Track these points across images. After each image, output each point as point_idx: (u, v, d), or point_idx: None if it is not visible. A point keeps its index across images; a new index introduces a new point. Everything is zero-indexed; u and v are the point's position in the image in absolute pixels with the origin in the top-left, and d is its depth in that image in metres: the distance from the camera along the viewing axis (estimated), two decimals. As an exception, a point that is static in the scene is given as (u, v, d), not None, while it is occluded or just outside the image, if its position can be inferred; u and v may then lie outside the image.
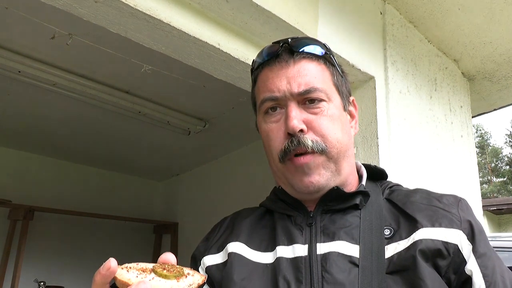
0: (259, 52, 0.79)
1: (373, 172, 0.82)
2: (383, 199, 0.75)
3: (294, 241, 0.70)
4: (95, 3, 1.02)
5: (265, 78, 0.76)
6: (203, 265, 0.77)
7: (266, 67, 0.76)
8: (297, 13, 1.30)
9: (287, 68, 0.73)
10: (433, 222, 0.66)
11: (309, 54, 0.74)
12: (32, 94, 2.48)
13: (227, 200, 3.39)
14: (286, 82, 0.72)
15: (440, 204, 0.69)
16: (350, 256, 0.66)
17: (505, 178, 28.58)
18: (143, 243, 4.26)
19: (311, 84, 0.72)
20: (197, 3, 1.17)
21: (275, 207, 0.78)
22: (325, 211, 0.72)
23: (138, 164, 3.94)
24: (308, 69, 0.73)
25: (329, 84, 0.75)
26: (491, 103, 2.51)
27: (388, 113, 1.57)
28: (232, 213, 0.87)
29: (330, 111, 0.73)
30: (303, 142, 0.69)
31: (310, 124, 0.71)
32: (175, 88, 2.44)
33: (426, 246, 0.63)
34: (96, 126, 3.00)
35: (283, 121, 0.72)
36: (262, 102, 0.75)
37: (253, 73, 0.82)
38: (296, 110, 0.71)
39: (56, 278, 3.54)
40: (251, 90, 0.82)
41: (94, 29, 1.75)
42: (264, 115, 0.75)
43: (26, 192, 3.52)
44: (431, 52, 1.92)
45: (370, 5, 1.65)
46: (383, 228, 0.68)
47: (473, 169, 2.03)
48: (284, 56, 0.74)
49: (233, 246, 0.74)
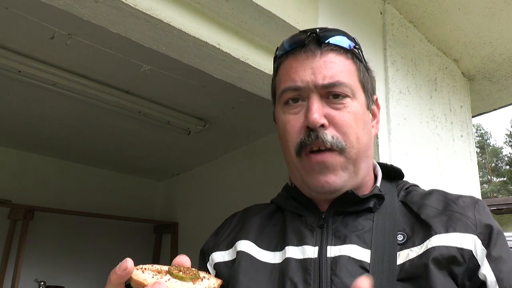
0: (284, 40, 0.75)
1: (389, 171, 0.79)
2: (398, 201, 0.72)
3: (304, 242, 0.68)
4: (95, 3, 1.02)
5: (288, 67, 0.72)
6: (212, 261, 0.76)
7: (291, 56, 0.72)
8: (297, 13, 1.30)
9: (313, 58, 0.69)
10: (447, 227, 0.63)
11: (337, 47, 0.70)
12: (32, 94, 2.48)
13: (227, 200, 3.39)
14: (311, 73, 0.68)
15: (456, 207, 0.67)
16: (360, 261, 0.64)
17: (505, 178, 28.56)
18: (143, 243, 4.26)
19: (336, 77, 0.68)
20: (197, 3, 1.17)
21: (286, 205, 0.76)
22: (337, 213, 0.70)
23: (138, 164, 3.94)
24: (335, 62, 0.69)
25: (355, 80, 0.71)
26: (491, 103, 2.51)
27: (388, 113, 1.57)
28: (242, 209, 0.85)
29: (354, 108, 0.69)
30: (322, 137, 0.66)
31: (332, 120, 0.67)
32: (175, 88, 2.44)
33: (440, 254, 0.61)
34: (96, 126, 3.00)
35: (303, 113, 0.68)
36: (283, 91, 0.71)
37: (275, 61, 0.77)
38: (318, 103, 0.67)
39: (56, 278, 3.54)
40: (272, 79, 0.79)
41: (94, 29, 1.76)
42: (283, 105, 0.72)
43: (26, 192, 3.52)
44: (431, 52, 1.92)
45: (370, 5, 1.65)
46: (396, 233, 0.66)
47: (473, 169, 2.02)
48: (311, 46, 0.70)
49: (242, 245, 0.73)
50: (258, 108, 2.59)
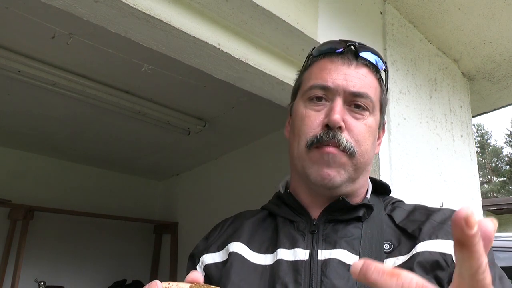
0: (324, 42, 0.80)
1: (378, 186, 0.83)
2: (385, 214, 0.76)
3: (295, 245, 0.70)
4: (95, 3, 1.02)
5: (323, 66, 0.76)
6: (202, 263, 0.77)
7: (327, 57, 0.76)
8: (297, 13, 1.30)
9: (348, 66, 0.74)
10: (430, 235, 0.67)
11: (371, 64, 0.76)
12: (32, 94, 2.48)
13: (227, 200, 3.39)
14: (343, 78, 0.72)
15: (437, 217, 0.71)
16: (349, 265, 0.66)
17: (505, 178, 28.57)
18: (143, 243, 4.26)
19: (365, 89, 0.73)
20: (197, 3, 1.17)
21: (278, 211, 0.78)
22: (328, 220, 0.73)
23: (138, 164, 3.94)
24: (366, 76, 0.74)
25: (377, 98, 0.76)
26: (491, 103, 2.51)
27: (388, 113, 1.57)
28: (233, 215, 0.87)
29: (370, 122, 0.74)
30: (339, 138, 0.69)
31: (349, 126, 0.71)
32: (175, 88, 2.44)
33: (424, 259, 0.64)
34: (96, 126, 3.00)
35: (325, 112, 0.72)
36: (311, 87, 0.74)
37: (309, 58, 0.81)
38: (341, 106, 0.71)
39: (56, 278, 3.54)
40: (299, 74, 0.82)
41: (94, 29, 1.76)
42: (307, 100, 0.75)
43: (26, 192, 3.52)
44: (431, 52, 1.92)
45: (370, 5, 1.65)
46: (383, 242, 0.69)
47: (473, 169, 2.02)
48: (348, 55, 0.75)
49: (234, 246, 0.74)
50: (258, 108, 2.59)
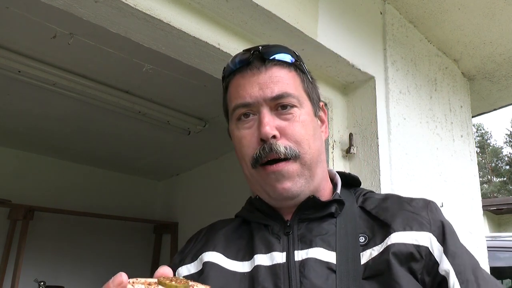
0: (230, 60, 0.80)
1: (348, 179, 0.84)
2: (357, 207, 0.76)
3: (272, 249, 0.70)
4: (95, 3, 1.02)
5: (236, 85, 0.76)
6: (178, 275, 0.76)
7: (238, 74, 0.76)
8: (297, 13, 1.30)
9: (258, 75, 0.74)
10: (404, 226, 0.68)
11: (280, 61, 0.75)
12: (32, 94, 2.48)
13: (227, 200, 3.39)
14: (258, 89, 0.72)
15: (410, 207, 0.72)
16: (327, 262, 0.67)
17: (505, 178, 28.58)
18: (143, 243, 4.26)
19: (283, 89, 0.73)
20: (197, 3, 1.17)
21: (251, 217, 0.79)
22: (301, 220, 0.73)
23: (138, 164, 3.94)
24: (279, 75, 0.74)
25: (300, 90, 0.76)
26: (491, 103, 2.51)
27: (388, 113, 1.57)
28: (207, 225, 0.87)
29: (302, 117, 0.74)
30: (276, 148, 0.70)
31: (283, 131, 0.72)
32: (175, 88, 2.44)
33: (398, 250, 0.65)
34: (96, 126, 3.00)
35: (256, 127, 0.73)
36: (234, 108, 0.75)
37: (224, 80, 0.82)
38: (269, 116, 0.72)
39: (56, 278, 3.54)
40: (223, 97, 0.83)
41: (94, 29, 1.76)
42: (236, 122, 0.76)
43: (26, 192, 3.52)
44: (431, 52, 1.92)
45: (370, 5, 1.65)
46: (358, 235, 0.70)
47: (473, 169, 2.02)
48: (255, 63, 0.75)
49: (209, 256, 0.74)
50: (258, 108, 2.59)
